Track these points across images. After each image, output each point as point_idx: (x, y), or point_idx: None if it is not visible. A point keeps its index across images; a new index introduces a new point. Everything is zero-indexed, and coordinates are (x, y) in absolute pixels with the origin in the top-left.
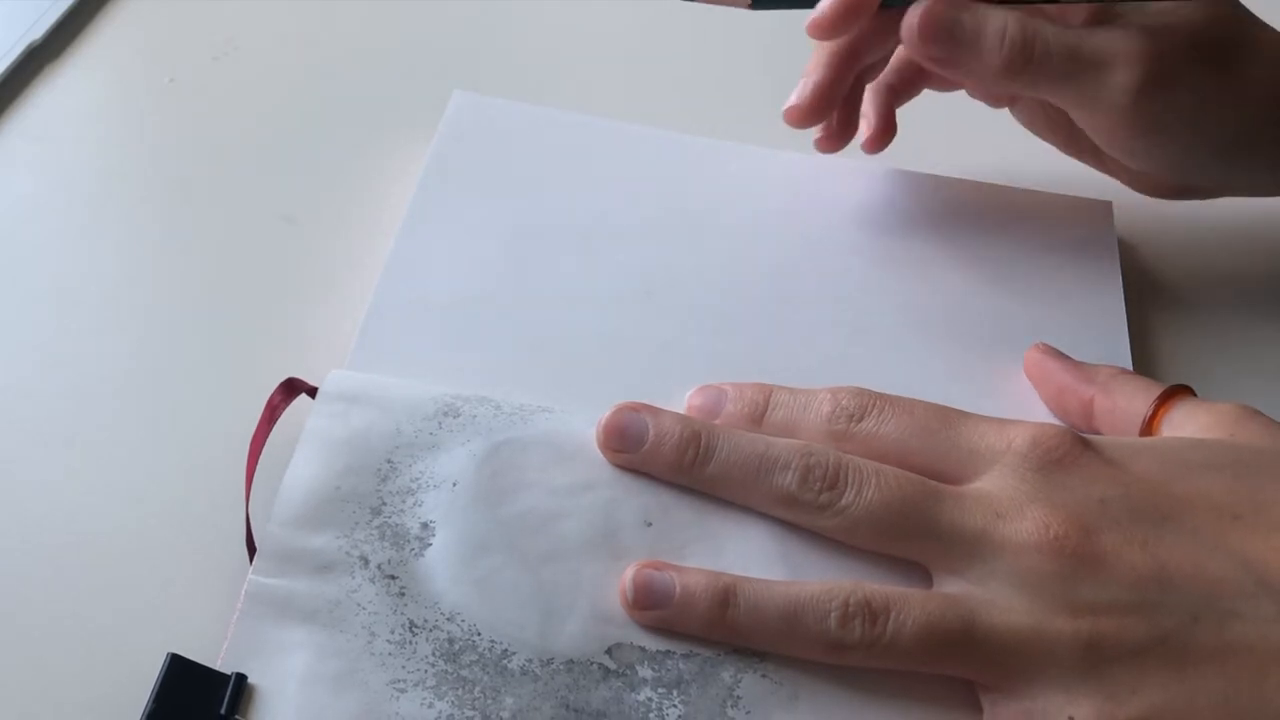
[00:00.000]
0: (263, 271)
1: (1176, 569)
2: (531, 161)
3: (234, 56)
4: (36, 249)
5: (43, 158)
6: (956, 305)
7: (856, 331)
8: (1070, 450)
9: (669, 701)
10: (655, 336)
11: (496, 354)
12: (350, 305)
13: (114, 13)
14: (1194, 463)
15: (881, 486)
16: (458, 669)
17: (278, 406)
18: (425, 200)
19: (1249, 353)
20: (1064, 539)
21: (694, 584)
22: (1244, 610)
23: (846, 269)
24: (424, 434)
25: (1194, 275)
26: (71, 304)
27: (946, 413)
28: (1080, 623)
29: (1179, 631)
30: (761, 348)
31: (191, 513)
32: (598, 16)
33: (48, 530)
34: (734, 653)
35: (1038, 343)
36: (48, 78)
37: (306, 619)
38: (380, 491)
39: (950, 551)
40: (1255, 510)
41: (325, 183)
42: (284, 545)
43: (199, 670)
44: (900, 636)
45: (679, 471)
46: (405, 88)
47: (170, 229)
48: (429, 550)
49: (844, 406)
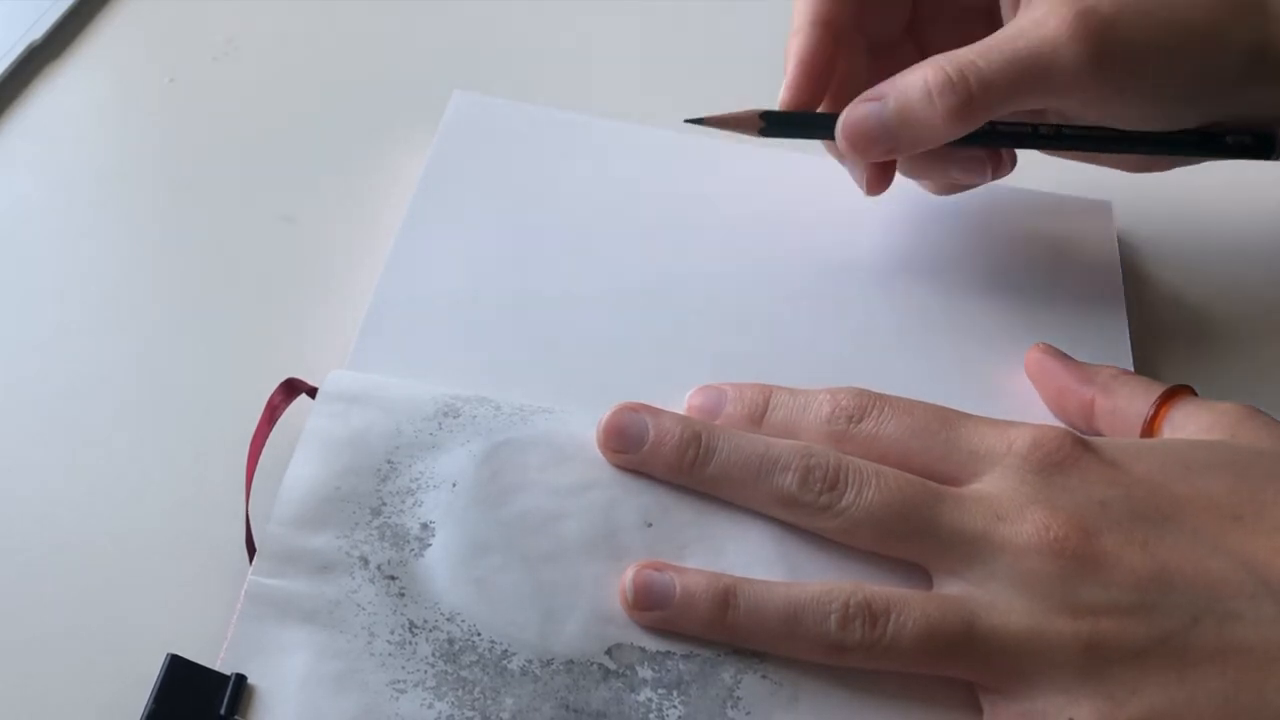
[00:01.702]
0: (263, 271)
1: (1177, 570)
2: (532, 161)
3: (234, 56)
4: (36, 249)
5: (43, 158)
6: (957, 305)
7: (857, 331)
8: (1070, 452)
9: (669, 702)
10: (655, 336)
11: (496, 354)
12: (350, 305)
13: (114, 13)
14: (1195, 464)
15: (881, 488)
16: (458, 669)
17: (278, 406)
18: (425, 200)
19: (1249, 353)
20: (1064, 540)
21: (694, 585)
22: (1245, 611)
23: (847, 269)
24: (424, 434)
25: (1194, 275)
26: (71, 304)
27: (946, 414)
28: (1080, 624)
29: (1179, 632)
30: (761, 348)
31: (191, 513)
32: (598, 17)
33: (48, 530)
34: (734, 653)
35: (1038, 343)
36: (48, 78)
37: (306, 619)
38: (380, 492)
39: (950, 553)
40: (1256, 511)
41: (325, 183)
42: (284, 545)
43: (199, 671)
44: (900, 638)
45: (679, 472)
46: (405, 87)
47: (170, 229)
48: (429, 551)
49: (843, 407)
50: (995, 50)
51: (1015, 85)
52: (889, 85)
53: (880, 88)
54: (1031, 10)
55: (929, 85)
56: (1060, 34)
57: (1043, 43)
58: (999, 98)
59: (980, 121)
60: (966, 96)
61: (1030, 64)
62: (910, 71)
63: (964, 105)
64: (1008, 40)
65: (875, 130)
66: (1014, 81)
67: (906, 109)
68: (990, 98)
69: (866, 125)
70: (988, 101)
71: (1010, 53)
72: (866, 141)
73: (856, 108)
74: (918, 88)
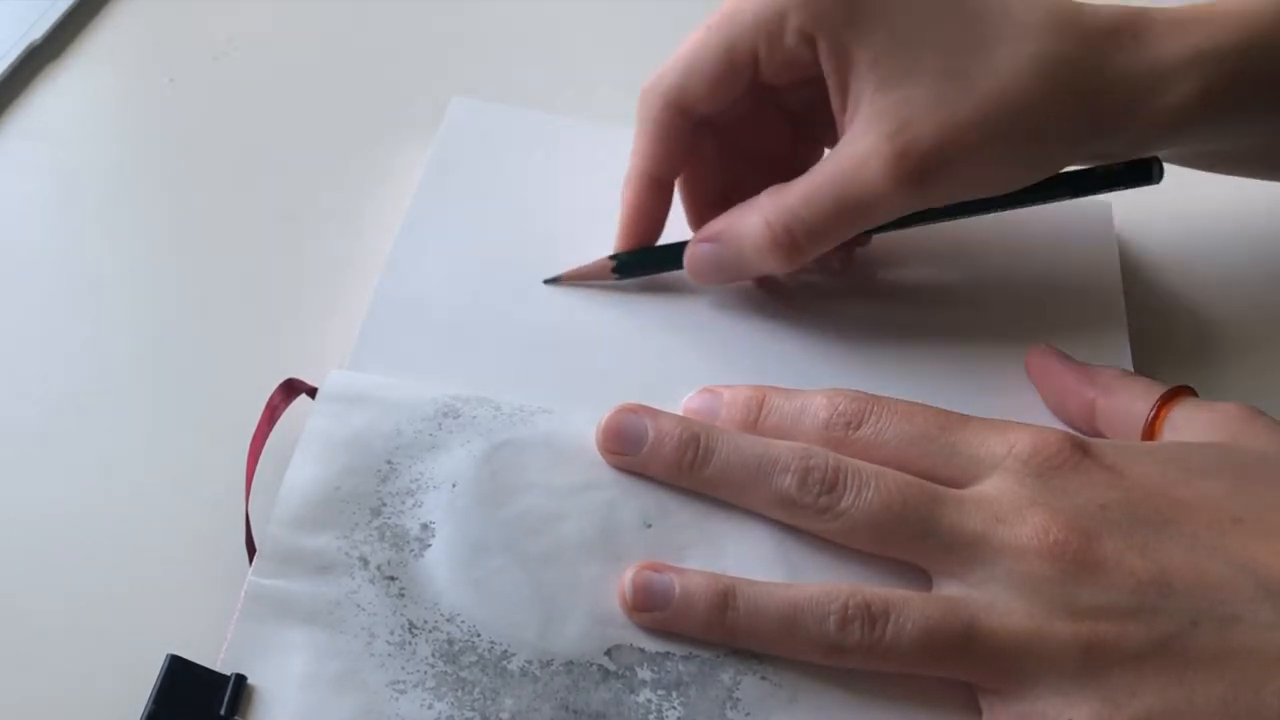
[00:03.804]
0: (263, 271)
1: (1176, 573)
2: (530, 165)
3: (234, 56)
4: (36, 249)
5: (43, 158)
6: (957, 305)
7: (856, 332)
8: (1070, 455)
9: (668, 703)
10: (655, 338)
11: (496, 354)
12: (350, 305)
13: (114, 13)
14: (1194, 467)
15: (881, 489)
16: (457, 670)
17: (278, 407)
18: (425, 201)
19: (1249, 353)
20: (1064, 544)
21: (693, 586)
22: (1244, 615)
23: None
24: (424, 435)
25: (1194, 275)
26: (71, 304)
27: (945, 417)
28: (1080, 626)
29: (1179, 636)
30: (761, 349)
31: (191, 513)
32: (595, 23)
33: (48, 530)
34: (733, 654)
35: (1039, 344)
36: (48, 78)
37: (306, 620)
38: (380, 492)
39: (950, 555)
40: (1256, 514)
41: (325, 183)
42: (284, 546)
43: (199, 671)
44: (899, 639)
45: (678, 473)
46: (404, 89)
47: (170, 229)
48: (429, 551)
49: (840, 413)
50: (818, 197)
51: (840, 228)
52: (725, 227)
53: (716, 228)
54: (853, 142)
55: (756, 241)
56: (881, 176)
57: (864, 186)
58: (825, 241)
59: (809, 259)
60: (792, 247)
61: (853, 206)
62: (742, 217)
63: (790, 253)
64: (829, 183)
65: (715, 269)
66: (838, 225)
67: (739, 255)
68: (815, 244)
69: (706, 264)
70: (814, 247)
71: (833, 198)
72: (709, 277)
73: (697, 247)
74: (748, 239)
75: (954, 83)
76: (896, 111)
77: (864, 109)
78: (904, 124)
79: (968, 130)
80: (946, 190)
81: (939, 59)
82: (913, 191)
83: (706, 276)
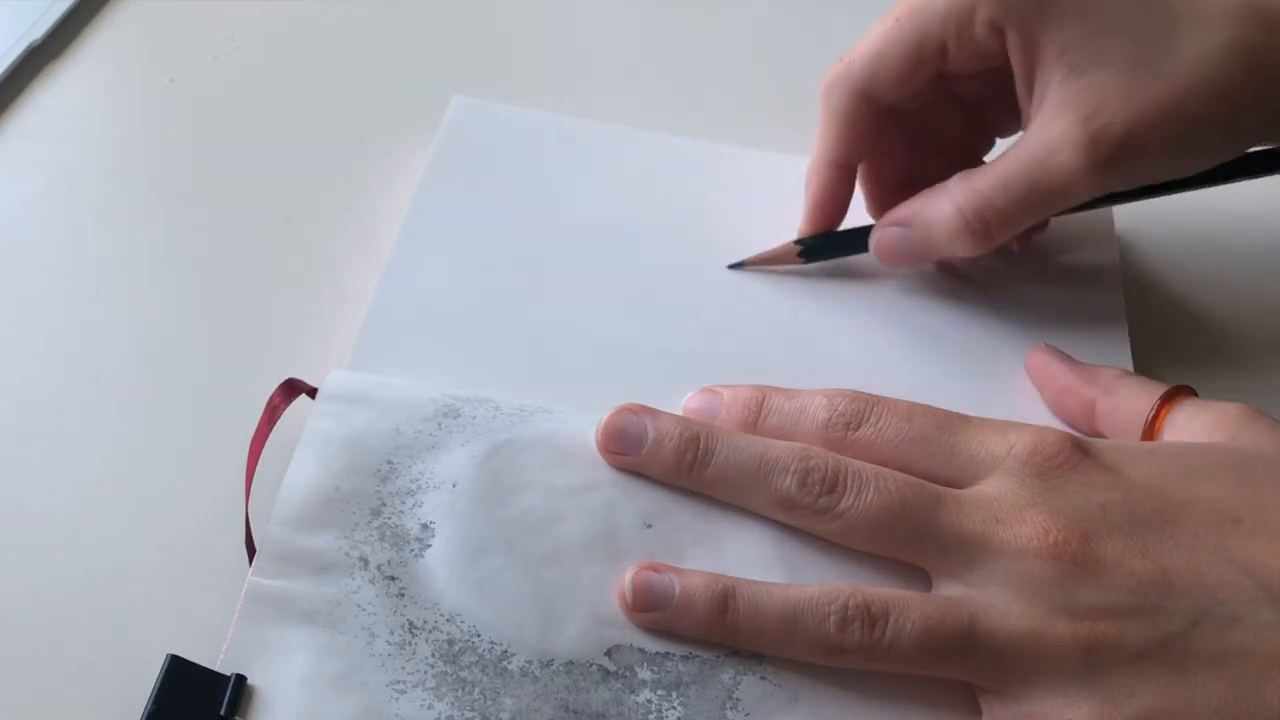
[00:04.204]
0: (263, 271)
1: (1176, 574)
2: (531, 164)
3: (234, 56)
4: (36, 249)
5: (43, 158)
6: (957, 305)
7: (856, 332)
8: (1070, 456)
9: (668, 703)
10: (654, 338)
11: (496, 354)
12: (350, 305)
13: (114, 13)
14: (1194, 467)
15: (881, 490)
16: (457, 670)
17: (278, 407)
18: (425, 201)
19: (1249, 353)
20: (1063, 544)
21: (693, 586)
22: (1244, 615)
23: (847, 269)
24: (424, 435)
25: (1194, 275)
26: (71, 304)
27: (945, 417)
28: (1079, 627)
29: (1178, 636)
30: (761, 349)
31: (191, 513)
32: (596, 21)
33: (48, 530)
34: (733, 655)
35: (1040, 343)
36: (48, 78)
37: (306, 620)
38: (380, 492)
39: (949, 555)
40: (1256, 515)
41: (325, 183)
42: (284, 546)
43: (199, 671)
44: (899, 640)
45: (678, 473)
46: (404, 90)
47: (170, 229)
48: (429, 551)
49: (840, 413)
50: (1011, 183)
51: (1031, 212)
52: (915, 212)
53: (906, 211)
54: (1044, 128)
55: (947, 226)
56: (1074, 160)
57: (1057, 171)
58: (1016, 225)
59: (998, 244)
60: (983, 232)
61: (1046, 190)
62: (931, 202)
63: (981, 237)
64: (1022, 167)
65: (903, 252)
66: (1030, 209)
67: (930, 240)
68: (1007, 229)
69: (895, 247)
70: (1005, 232)
71: (1026, 183)
72: (897, 260)
73: (885, 231)
74: (939, 223)
75: (1144, 70)
76: (1088, 98)
77: (1052, 96)
78: (1096, 110)
79: (1160, 116)
80: (1136, 175)
81: (1128, 47)
82: (1104, 176)
83: (895, 259)
